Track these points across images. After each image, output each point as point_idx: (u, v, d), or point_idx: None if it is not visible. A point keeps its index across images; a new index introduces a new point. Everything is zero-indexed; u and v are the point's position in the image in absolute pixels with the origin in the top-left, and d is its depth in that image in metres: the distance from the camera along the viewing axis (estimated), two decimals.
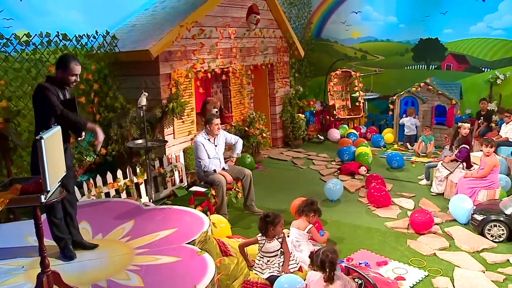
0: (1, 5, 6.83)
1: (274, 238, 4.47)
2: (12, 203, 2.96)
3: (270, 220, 4.38)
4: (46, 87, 3.81)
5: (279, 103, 10.48)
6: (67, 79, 3.95)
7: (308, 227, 4.78)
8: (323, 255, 3.63)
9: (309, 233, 4.80)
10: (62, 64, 3.91)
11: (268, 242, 4.45)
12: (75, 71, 3.98)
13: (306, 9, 12.85)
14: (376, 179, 7.10)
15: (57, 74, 3.98)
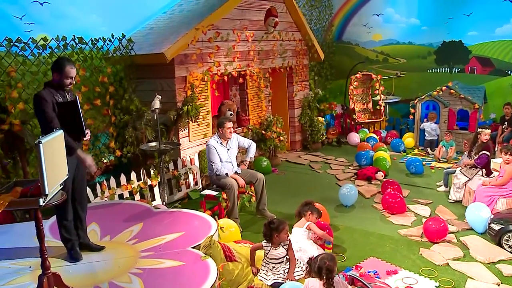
0: (23, 10, 7.01)
1: (279, 245, 4.41)
2: (12, 205, 3.01)
3: (274, 227, 4.33)
4: (42, 96, 3.90)
5: (298, 106, 10.40)
6: (62, 82, 4.04)
7: (306, 224, 4.80)
8: (320, 261, 3.58)
9: (308, 230, 4.79)
10: (57, 67, 4.00)
11: (274, 249, 4.40)
12: (70, 74, 4.07)
13: (327, 11, 12.73)
14: (392, 185, 6.95)
15: (53, 77, 4.07)
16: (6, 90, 5.62)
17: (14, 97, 5.63)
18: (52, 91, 4.04)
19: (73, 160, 4.18)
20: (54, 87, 4.07)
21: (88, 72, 6.52)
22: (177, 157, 7.38)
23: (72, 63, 4.15)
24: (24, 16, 7.01)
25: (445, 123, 9.65)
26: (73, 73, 4.10)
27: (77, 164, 4.23)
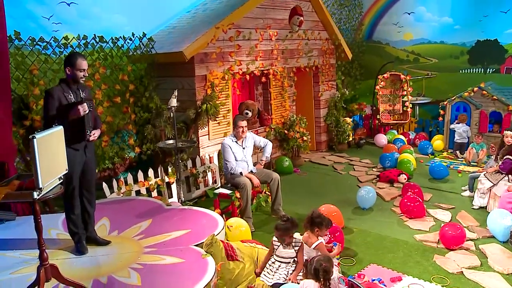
0: (50, 11, 7.24)
1: (290, 245, 4.34)
2: (8, 198, 3.10)
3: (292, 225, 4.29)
4: (50, 93, 4.03)
5: (324, 106, 10.26)
6: (75, 76, 4.13)
7: (315, 244, 4.40)
8: (316, 263, 3.51)
9: (316, 250, 4.41)
10: (69, 61, 4.11)
11: (283, 248, 4.33)
12: (82, 66, 4.17)
13: (357, 10, 12.49)
14: (413, 188, 6.72)
15: (66, 73, 4.16)
16: (29, 87, 5.83)
17: (36, 94, 5.82)
18: (64, 88, 4.16)
19: (82, 156, 4.28)
20: (67, 83, 4.20)
21: (108, 70, 6.66)
22: (196, 155, 7.43)
23: (83, 56, 4.26)
24: (52, 16, 7.24)
25: (476, 126, 9.27)
26: (84, 66, 4.21)
27: (85, 160, 4.33)
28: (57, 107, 4.02)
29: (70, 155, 4.12)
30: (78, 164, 4.23)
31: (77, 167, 4.23)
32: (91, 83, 6.39)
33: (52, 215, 5.49)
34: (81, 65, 4.16)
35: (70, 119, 4.01)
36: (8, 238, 4.71)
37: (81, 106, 4.02)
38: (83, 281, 3.70)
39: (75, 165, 4.19)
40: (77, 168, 4.22)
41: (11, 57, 5.63)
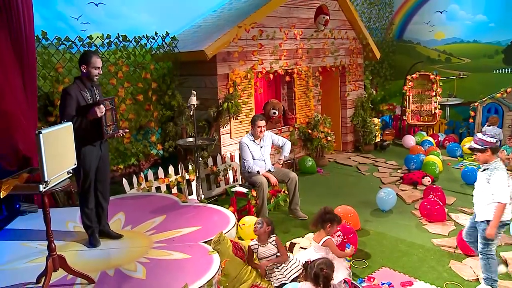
0: (79, 11, 7.48)
1: (266, 242, 4.37)
2: (16, 189, 3.24)
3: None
4: (68, 92, 4.13)
5: (350, 106, 10.13)
6: (90, 73, 4.22)
7: (323, 240, 4.40)
8: (317, 268, 3.44)
9: (325, 246, 4.44)
10: (84, 59, 4.21)
11: (262, 246, 4.37)
12: (97, 64, 4.26)
13: (388, 9, 12.25)
14: (435, 191, 6.55)
15: (81, 70, 4.26)
16: (54, 85, 6.04)
17: (60, 92, 6.01)
18: (80, 86, 4.27)
19: (98, 152, 4.41)
20: (82, 81, 4.31)
21: (131, 68, 6.81)
22: (217, 153, 7.49)
23: (97, 55, 4.36)
24: (81, 16, 7.48)
25: (510, 128, 8.91)
26: (99, 63, 4.31)
27: (100, 156, 4.45)
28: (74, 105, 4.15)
29: (87, 151, 4.26)
30: (95, 159, 4.35)
31: (94, 162, 4.35)
32: (114, 81, 6.56)
33: (71, 208, 5.67)
34: (96, 63, 4.26)
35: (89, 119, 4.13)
36: (28, 229, 4.90)
37: (98, 108, 4.12)
38: (91, 273, 3.81)
39: (92, 160, 4.32)
40: (93, 164, 4.35)
41: (38, 56, 5.85)
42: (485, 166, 4.14)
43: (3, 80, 4.84)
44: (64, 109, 4.08)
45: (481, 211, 4.15)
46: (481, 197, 4.16)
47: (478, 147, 4.10)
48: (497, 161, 4.09)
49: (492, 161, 4.08)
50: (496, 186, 3.97)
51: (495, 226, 3.98)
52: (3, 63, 4.87)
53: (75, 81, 4.34)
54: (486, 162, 4.12)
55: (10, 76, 4.95)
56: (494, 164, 4.06)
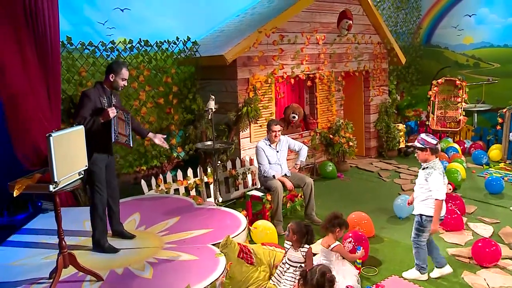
0: (105, 16, 7.72)
1: (298, 249, 4.34)
2: (28, 189, 3.40)
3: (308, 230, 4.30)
4: (87, 94, 4.28)
5: (374, 111, 10.02)
6: (117, 83, 4.39)
7: (333, 245, 4.40)
8: (319, 273, 3.44)
9: (335, 252, 4.44)
10: (115, 68, 4.36)
11: (294, 250, 4.35)
12: (125, 76, 4.44)
13: (415, 13, 12.04)
14: (454, 199, 6.41)
15: (108, 78, 4.40)
16: (78, 88, 6.27)
17: None
18: (100, 91, 4.41)
19: (107, 157, 4.53)
20: (103, 87, 4.45)
21: (152, 73, 6.98)
22: (236, 157, 7.57)
23: (127, 66, 4.53)
24: (107, 21, 7.72)
25: None
26: (127, 75, 4.50)
27: (110, 160, 4.59)
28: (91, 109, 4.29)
29: (99, 156, 4.40)
30: (103, 162, 4.48)
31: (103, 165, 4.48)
32: (135, 84, 6.74)
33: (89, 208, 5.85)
34: (124, 74, 4.44)
35: (101, 121, 4.27)
36: (47, 227, 5.10)
37: (110, 109, 4.27)
38: (101, 271, 3.96)
39: (102, 163, 4.45)
40: (103, 167, 4.48)
41: (63, 60, 6.09)
42: (424, 165, 4.49)
43: (27, 84, 5.08)
44: (79, 110, 4.22)
45: (418, 206, 4.58)
46: (419, 193, 4.55)
47: (419, 146, 4.45)
48: (435, 161, 4.45)
49: (431, 161, 4.43)
50: (433, 185, 4.36)
51: (436, 221, 4.45)
52: (27, 68, 5.10)
53: (96, 86, 4.47)
54: (426, 161, 4.47)
55: (34, 80, 5.18)
56: (432, 163, 4.42)
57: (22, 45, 5.03)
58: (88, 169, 3.91)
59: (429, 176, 4.40)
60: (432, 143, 4.41)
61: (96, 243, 4.46)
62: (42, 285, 3.72)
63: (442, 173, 4.45)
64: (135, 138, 4.66)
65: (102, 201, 4.49)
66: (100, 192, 4.44)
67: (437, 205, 4.39)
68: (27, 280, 3.88)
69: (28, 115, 5.02)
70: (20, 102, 5.02)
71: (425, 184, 4.46)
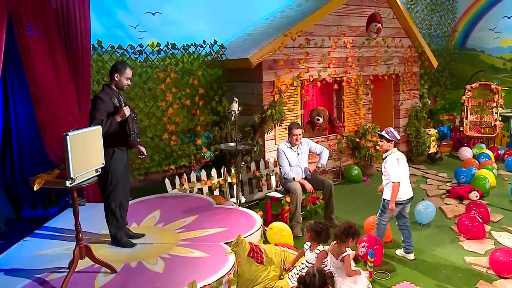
0: (137, 20, 8.03)
1: (314, 252, 4.40)
2: (47, 184, 3.64)
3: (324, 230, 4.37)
4: (100, 97, 4.44)
5: (404, 116, 9.90)
6: (122, 83, 4.55)
7: (342, 256, 4.36)
8: (317, 274, 3.50)
9: (342, 262, 4.39)
10: (118, 68, 4.53)
11: (310, 252, 4.41)
12: (129, 75, 4.61)
13: (450, 15, 11.77)
14: (478, 207, 6.28)
15: (113, 78, 4.57)
16: None
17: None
18: (110, 93, 4.58)
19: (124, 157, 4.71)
20: (111, 88, 4.62)
21: (179, 75, 7.20)
22: (260, 158, 7.68)
23: (130, 66, 4.70)
24: (138, 25, 8.02)
25: None
26: (131, 74, 4.65)
27: (126, 161, 4.76)
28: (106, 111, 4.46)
29: (117, 155, 4.59)
30: (122, 161, 4.68)
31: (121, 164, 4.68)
32: (162, 86, 6.97)
33: None
34: (129, 73, 4.60)
35: (117, 120, 4.46)
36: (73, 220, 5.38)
37: (125, 108, 4.47)
38: (116, 264, 4.17)
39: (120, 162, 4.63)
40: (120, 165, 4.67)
41: (93, 62, 6.39)
42: (385, 154, 5.17)
43: (57, 87, 5.38)
44: (95, 113, 4.38)
45: (385, 192, 5.28)
46: (384, 180, 5.27)
47: (387, 137, 5.12)
48: (393, 150, 5.14)
49: (390, 151, 5.13)
50: (389, 169, 5.06)
51: (393, 201, 5.07)
52: (58, 71, 5.41)
53: (105, 88, 4.63)
54: (387, 151, 5.16)
55: (64, 83, 5.48)
56: (391, 151, 5.13)
57: (53, 49, 5.33)
58: (105, 166, 4.10)
59: (386, 163, 5.08)
60: (397, 138, 5.17)
61: (113, 238, 4.67)
62: (61, 274, 3.95)
63: (397, 159, 5.09)
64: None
65: (116, 197, 4.62)
66: (114, 189, 4.59)
67: (394, 187, 5.02)
68: (48, 268, 4.14)
69: (57, 116, 5.31)
70: (51, 104, 5.32)
71: (385, 171, 5.14)
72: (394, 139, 5.12)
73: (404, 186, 5.16)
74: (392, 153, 5.11)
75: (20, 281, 3.94)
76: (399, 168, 5.09)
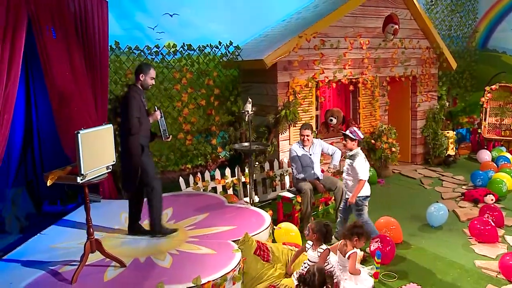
0: (155, 21, 8.20)
1: (316, 250, 4.45)
2: (59, 179, 3.80)
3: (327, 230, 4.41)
4: (134, 96, 4.67)
5: (421, 117, 9.81)
6: (147, 82, 4.79)
7: (350, 252, 4.39)
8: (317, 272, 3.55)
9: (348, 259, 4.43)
10: (143, 69, 4.77)
11: (312, 250, 4.46)
12: (154, 75, 4.85)
13: (471, 16, 11.59)
14: (492, 210, 6.21)
15: (138, 79, 4.79)
16: (124, 89, 6.72)
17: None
18: (138, 92, 4.81)
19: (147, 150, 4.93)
20: (137, 88, 4.83)
21: (195, 75, 7.33)
22: (274, 159, 7.75)
23: (154, 67, 4.96)
24: (156, 26, 8.19)
25: None
26: (155, 75, 4.92)
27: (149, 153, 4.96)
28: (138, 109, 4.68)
29: (145, 151, 4.80)
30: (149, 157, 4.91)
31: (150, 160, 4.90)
32: (178, 86, 7.11)
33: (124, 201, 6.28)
34: (153, 74, 4.86)
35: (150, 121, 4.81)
36: None
37: (157, 112, 4.83)
38: (127, 258, 4.31)
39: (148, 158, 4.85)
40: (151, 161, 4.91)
41: (111, 63, 6.57)
42: (349, 153, 5.51)
43: (74, 89, 5.56)
44: (131, 111, 4.59)
45: (349, 189, 5.54)
46: (348, 178, 5.54)
47: (352, 136, 5.45)
48: (358, 149, 5.49)
49: (354, 150, 5.47)
50: (359, 168, 5.36)
51: (355, 196, 5.42)
52: (76, 73, 5.59)
53: (133, 87, 4.83)
54: (351, 150, 5.50)
55: (82, 84, 5.67)
56: (356, 151, 5.47)
57: (71, 52, 5.51)
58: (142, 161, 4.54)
59: (354, 162, 5.38)
60: (361, 137, 5.53)
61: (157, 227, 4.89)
62: (73, 266, 4.10)
63: (364, 158, 5.47)
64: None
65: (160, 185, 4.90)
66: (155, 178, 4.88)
67: (360, 184, 5.38)
68: (61, 261, 4.31)
69: (74, 116, 5.49)
70: (68, 105, 5.52)
71: (352, 170, 5.42)
72: (357, 138, 5.44)
73: (366, 183, 5.53)
74: (358, 153, 5.43)
75: (35, 272, 4.11)
76: (366, 166, 5.42)
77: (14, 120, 5.98)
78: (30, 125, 6.44)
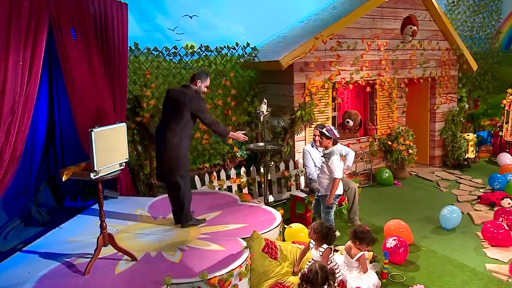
0: (175, 23, 8.37)
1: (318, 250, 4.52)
2: (73, 175, 3.98)
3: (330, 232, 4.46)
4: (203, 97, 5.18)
5: (440, 119, 9.72)
6: (201, 88, 5.18)
7: (358, 255, 4.48)
8: (319, 270, 3.62)
9: (357, 262, 4.53)
10: (202, 76, 5.16)
11: (314, 250, 4.54)
12: (208, 83, 5.30)
13: (494, 17, 11.37)
14: (507, 214, 6.15)
15: (196, 83, 5.14)
16: (142, 89, 6.93)
17: (147, 95, 6.89)
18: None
19: None
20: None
21: (212, 76, 7.47)
22: (290, 159, 7.83)
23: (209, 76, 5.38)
24: (176, 28, 8.36)
25: None
26: (209, 83, 5.34)
27: None
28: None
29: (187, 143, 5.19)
30: None
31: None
32: None
33: (145, 198, 6.47)
34: (208, 82, 5.30)
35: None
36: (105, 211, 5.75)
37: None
38: (138, 252, 4.47)
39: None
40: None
41: (130, 64, 6.78)
42: (325, 152, 5.54)
43: (94, 90, 5.77)
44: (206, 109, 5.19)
45: (323, 187, 5.57)
46: (323, 176, 5.57)
47: (327, 134, 5.47)
48: (333, 148, 5.51)
49: (330, 148, 5.50)
50: (334, 166, 5.39)
51: (333, 195, 5.46)
52: (94, 74, 5.79)
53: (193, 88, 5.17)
54: (326, 148, 5.53)
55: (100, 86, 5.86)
56: (331, 149, 5.49)
57: (91, 54, 5.71)
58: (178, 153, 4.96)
59: (329, 160, 5.41)
60: (337, 136, 5.54)
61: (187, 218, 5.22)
62: (87, 259, 4.29)
63: (339, 157, 5.51)
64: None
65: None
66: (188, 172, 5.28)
67: (336, 182, 5.41)
68: (76, 254, 4.50)
69: (93, 117, 5.70)
70: (87, 105, 5.73)
71: (327, 168, 5.47)
72: (333, 137, 5.49)
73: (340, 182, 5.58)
74: (333, 151, 5.46)
75: (51, 263, 4.32)
76: (341, 165, 5.49)
77: (38, 118, 6.26)
78: (52, 123, 6.69)
